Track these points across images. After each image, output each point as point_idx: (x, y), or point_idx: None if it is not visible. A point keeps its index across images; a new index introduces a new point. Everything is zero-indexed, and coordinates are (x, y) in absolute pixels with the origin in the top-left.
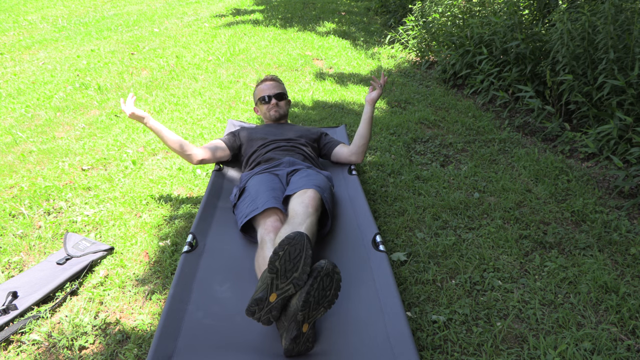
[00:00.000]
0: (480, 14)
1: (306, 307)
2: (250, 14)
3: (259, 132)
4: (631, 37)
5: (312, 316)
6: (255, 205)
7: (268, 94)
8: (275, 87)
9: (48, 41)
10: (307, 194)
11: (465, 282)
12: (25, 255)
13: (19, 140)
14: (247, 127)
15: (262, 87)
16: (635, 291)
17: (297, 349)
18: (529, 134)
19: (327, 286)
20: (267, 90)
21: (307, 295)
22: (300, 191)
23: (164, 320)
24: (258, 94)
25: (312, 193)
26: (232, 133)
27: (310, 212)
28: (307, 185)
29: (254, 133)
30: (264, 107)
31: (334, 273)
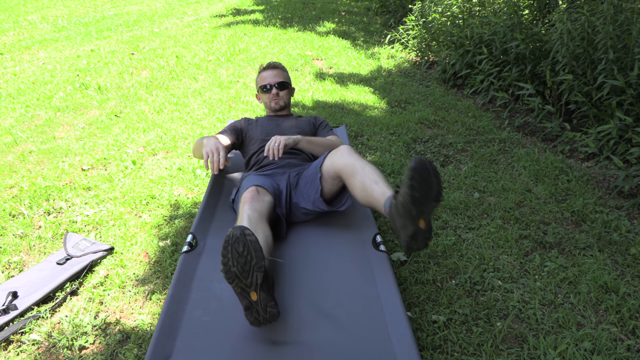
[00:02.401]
0: (480, 14)
1: (233, 279)
2: (250, 14)
3: (258, 130)
4: (630, 37)
5: (250, 284)
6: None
7: (269, 83)
8: (278, 76)
9: (48, 41)
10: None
11: (465, 282)
12: (25, 255)
13: (19, 140)
14: (247, 121)
15: (264, 74)
16: (635, 291)
17: (260, 318)
18: (529, 134)
19: (242, 252)
20: (268, 79)
21: (225, 267)
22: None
23: (163, 320)
24: (259, 81)
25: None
26: (234, 126)
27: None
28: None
29: (253, 131)
30: (265, 97)
31: (244, 236)
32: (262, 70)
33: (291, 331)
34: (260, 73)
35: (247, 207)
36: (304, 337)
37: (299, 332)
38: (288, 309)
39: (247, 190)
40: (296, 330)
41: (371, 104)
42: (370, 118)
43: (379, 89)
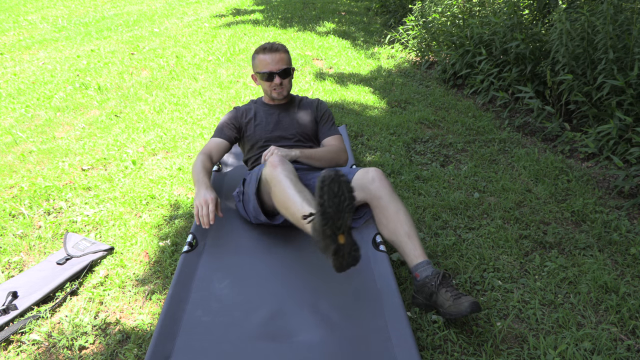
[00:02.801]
0: (480, 14)
1: (328, 220)
2: (250, 14)
3: (257, 131)
4: (630, 37)
5: (340, 226)
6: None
7: (271, 70)
8: (281, 61)
9: (48, 41)
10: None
11: (465, 282)
12: (25, 255)
13: (19, 140)
14: (243, 115)
15: (264, 58)
16: (635, 291)
17: (344, 262)
18: (529, 134)
19: (337, 192)
20: (270, 65)
21: (321, 207)
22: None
23: (163, 320)
24: (259, 65)
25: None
26: (229, 125)
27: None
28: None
29: (252, 132)
30: (265, 84)
31: (338, 177)
32: (261, 52)
33: (291, 331)
34: (258, 54)
35: (281, 169)
36: (304, 337)
37: (299, 332)
38: (288, 309)
39: (271, 160)
40: (296, 330)
41: (371, 104)
42: (370, 118)
43: (379, 89)
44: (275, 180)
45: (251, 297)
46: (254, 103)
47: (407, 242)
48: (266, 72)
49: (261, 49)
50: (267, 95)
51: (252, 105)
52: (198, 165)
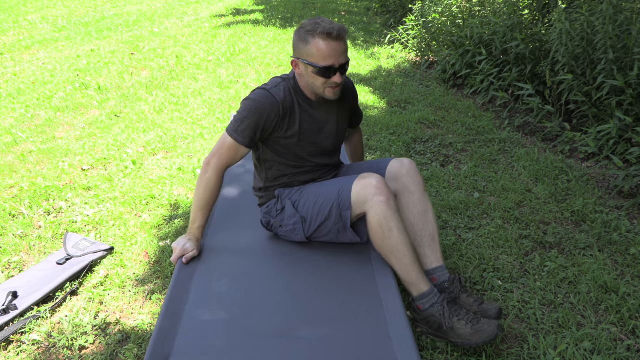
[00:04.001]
0: (480, 14)
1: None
2: (250, 14)
3: (302, 142)
4: (630, 37)
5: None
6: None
7: (333, 64)
8: (345, 53)
9: (48, 41)
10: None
11: (466, 282)
12: (25, 255)
13: (19, 140)
14: (285, 118)
15: (327, 47)
16: (635, 291)
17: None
18: (529, 134)
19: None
20: (333, 58)
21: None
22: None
23: (162, 320)
24: (316, 54)
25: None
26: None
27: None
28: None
29: (295, 142)
30: (319, 80)
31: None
32: (322, 36)
33: (290, 330)
34: (315, 39)
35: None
36: (304, 336)
37: (299, 331)
38: (288, 308)
39: (375, 180)
40: (295, 328)
41: (371, 104)
42: (370, 118)
43: (379, 89)
44: (390, 225)
45: (250, 296)
46: (295, 94)
47: (430, 244)
48: (326, 65)
49: (323, 32)
50: (313, 90)
51: (295, 102)
52: (202, 191)
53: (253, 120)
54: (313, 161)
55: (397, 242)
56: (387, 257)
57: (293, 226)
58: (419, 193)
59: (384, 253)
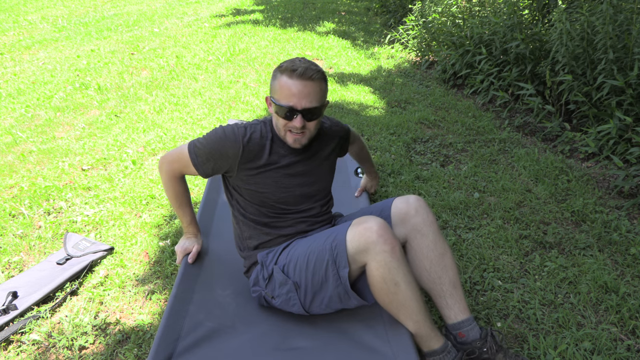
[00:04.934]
0: (480, 14)
1: None
2: (250, 14)
3: (273, 187)
4: (630, 37)
5: None
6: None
7: (293, 105)
8: (311, 96)
9: (48, 41)
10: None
11: (465, 282)
12: (25, 255)
13: (19, 140)
14: (250, 157)
15: (290, 85)
16: (635, 291)
17: None
18: (529, 134)
19: None
20: (294, 97)
21: None
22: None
23: (166, 320)
24: (279, 91)
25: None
26: (217, 162)
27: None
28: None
29: (263, 186)
30: (280, 121)
31: None
32: (287, 73)
33: (290, 332)
34: (282, 75)
35: (401, 257)
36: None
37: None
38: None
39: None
40: (295, 331)
41: (371, 104)
42: (370, 118)
43: (379, 89)
44: (395, 279)
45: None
46: (267, 133)
47: (452, 292)
48: (285, 105)
49: (289, 68)
50: (278, 132)
51: (266, 140)
52: (169, 193)
53: (211, 149)
54: (293, 209)
55: (404, 298)
56: (394, 314)
57: (287, 295)
58: (432, 234)
59: (390, 309)
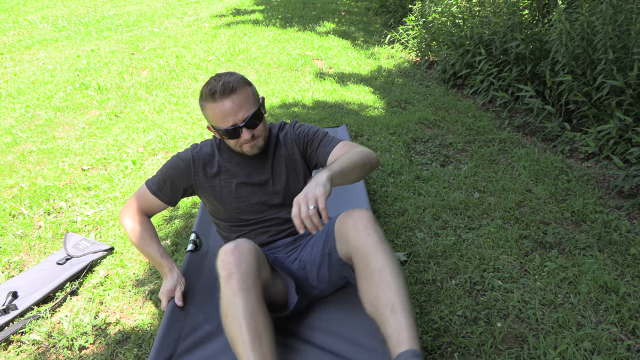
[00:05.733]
0: (480, 14)
1: None
2: (250, 14)
3: (229, 198)
4: (630, 37)
5: None
6: None
7: (234, 124)
8: (244, 105)
9: (48, 41)
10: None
11: (465, 282)
12: (25, 255)
13: (19, 140)
14: (200, 173)
15: (218, 108)
16: (635, 291)
17: None
18: (529, 134)
19: None
20: (231, 117)
21: None
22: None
23: (167, 320)
24: (214, 119)
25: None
26: (173, 184)
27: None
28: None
29: (219, 198)
30: (231, 142)
31: None
32: (210, 98)
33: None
34: (207, 103)
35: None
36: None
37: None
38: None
39: (223, 252)
40: (294, 330)
41: (371, 104)
42: (370, 118)
43: (379, 89)
44: (226, 310)
45: None
46: (216, 147)
47: (388, 317)
48: (227, 128)
49: (209, 93)
50: (234, 149)
51: (214, 153)
52: (135, 241)
53: (165, 171)
54: (252, 219)
55: (231, 333)
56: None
57: None
58: (369, 247)
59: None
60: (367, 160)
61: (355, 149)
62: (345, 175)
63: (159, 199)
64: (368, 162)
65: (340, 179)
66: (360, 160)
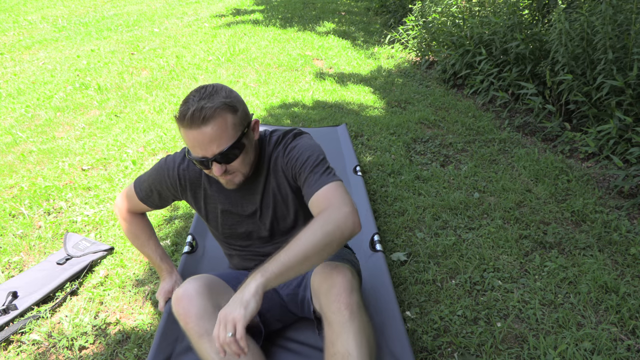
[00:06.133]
0: (480, 14)
1: None
2: (250, 14)
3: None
4: (629, 37)
5: None
6: None
7: (204, 155)
8: (214, 141)
9: (48, 41)
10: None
11: (465, 282)
12: (25, 255)
13: (19, 140)
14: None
15: (188, 136)
16: (635, 291)
17: None
18: (529, 134)
19: None
20: (199, 148)
21: None
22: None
23: (165, 321)
24: (187, 142)
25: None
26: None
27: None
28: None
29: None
30: (205, 171)
31: None
32: (179, 120)
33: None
34: (179, 124)
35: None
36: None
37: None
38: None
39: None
40: (291, 330)
41: (371, 104)
42: (370, 118)
43: (379, 89)
44: (200, 353)
45: None
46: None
47: None
48: (196, 158)
49: (179, 116)
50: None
51: (201, 172)
52: (130, 238)
53: (153, 180)
54: (239, 245)
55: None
56: None
57: None
58: (340, 332)
59: None
60: (333, 238)
61: (324, 215)
62: (292, 270)
63: (146, 205)
64: (335, 239)
65: (280, 278)
66: (321, 241)
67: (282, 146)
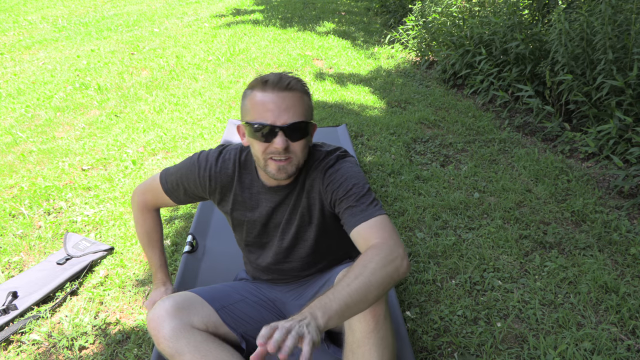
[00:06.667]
0: (480, 14)
1: None
2: (250, 14)
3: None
4: (629, 37)
5: None
6: None
7: (274, 121)
8: (291, 109)
9: (48, 41)
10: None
11: (465, 282)
12: (25, 255)
13: (19, 140)
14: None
15: (265, 99)
16: (635, 291)
17: None
18: (529, 134)
19: None
20: (272, 113)
21: None
22: None
23: None
24: (252, 110)
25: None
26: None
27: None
28: None
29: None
30: (258, 146)
31: None
32: (259, 87)
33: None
34: (253, 91)
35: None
36: None
37: None
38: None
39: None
40: None
41: (371, 104)
42: (370, 118)
43: (379, 89)
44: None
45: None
46: (238, 167)
47: None
48: (262, 124)
49: (260, 80)
50: (258, 164)
51: (234, 175)
52: (139, 229)
53: (181, 175)
54: (260, 262)
55: None
56: None
57: None
58: (362, 341)
59: None
60: (390, 281)
61: (382, 254)
62: (350, 310)
63: (170, 199)
64: (392, 282)
65: (340, 319)
66: (380, 283)
67: (322, 168)
